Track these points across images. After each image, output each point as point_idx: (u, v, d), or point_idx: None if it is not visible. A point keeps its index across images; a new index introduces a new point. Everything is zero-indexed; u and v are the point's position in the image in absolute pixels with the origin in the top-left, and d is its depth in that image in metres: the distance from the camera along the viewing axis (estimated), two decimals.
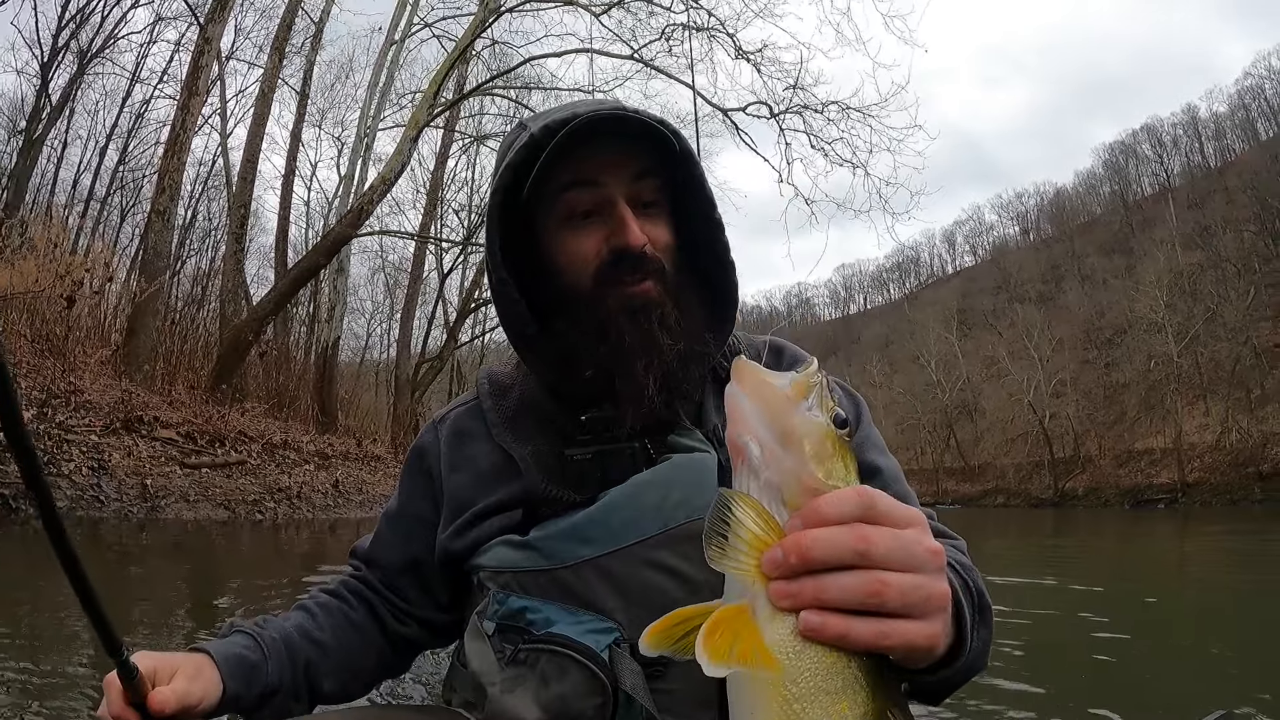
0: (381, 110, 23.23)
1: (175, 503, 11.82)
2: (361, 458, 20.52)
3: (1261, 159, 60.99)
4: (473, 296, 33.07)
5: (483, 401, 1.51)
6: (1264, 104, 75.56)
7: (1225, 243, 59.25)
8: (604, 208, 1.33)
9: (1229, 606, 6.58)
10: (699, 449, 1.32)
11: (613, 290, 1.32)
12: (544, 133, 1.28)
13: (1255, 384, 49.96)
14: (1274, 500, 38.58)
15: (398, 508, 1.58)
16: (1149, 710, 3.05)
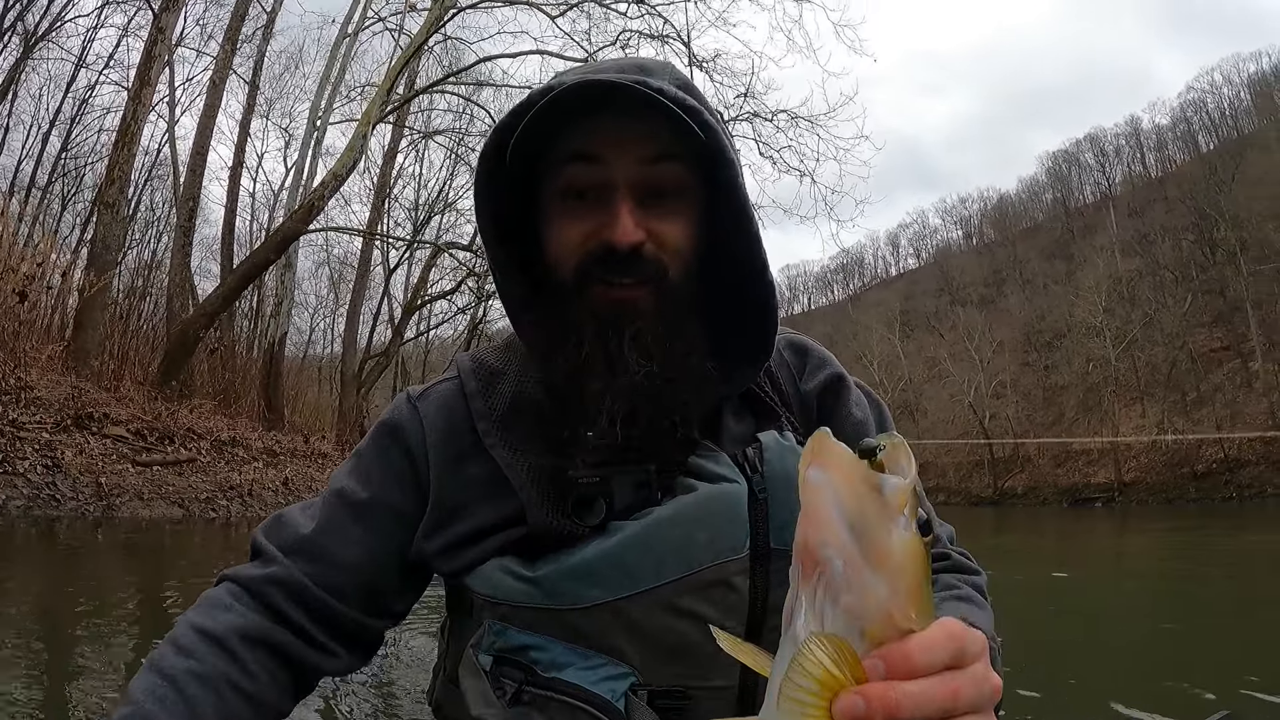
0: (332, 104, 23.25)
1: (130, 501, 12.00)
2: (309, 455, 20.67)
3: (1201, 170, 63.03)
4: (419, 293, 33.15)
5: (466, 385, 1.31)
6: (1205, 117, 78.29)
7: (1164, 250, 61.24)
8: (602, 191, 1.18)
9: (1178, 594, 7.24)
10: (727, 478, 1.17)
11: (592, 289, 1.18)
12: (541, 95, 1.12)
13: (1191, 387, 51.85)
14: (1208, 499, 40.22)
15: (367, 495, 1.28)
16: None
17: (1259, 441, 41.90)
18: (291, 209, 20.88)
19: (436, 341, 41.59)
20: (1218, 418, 47.26)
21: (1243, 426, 45.05)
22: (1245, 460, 43.20)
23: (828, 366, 1.38)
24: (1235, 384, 49.76)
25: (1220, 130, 76.15)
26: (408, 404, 1.34)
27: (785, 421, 1.29)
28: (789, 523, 1.03)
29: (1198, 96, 79.32)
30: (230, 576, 1.26)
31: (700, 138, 1.12)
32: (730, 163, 1.18)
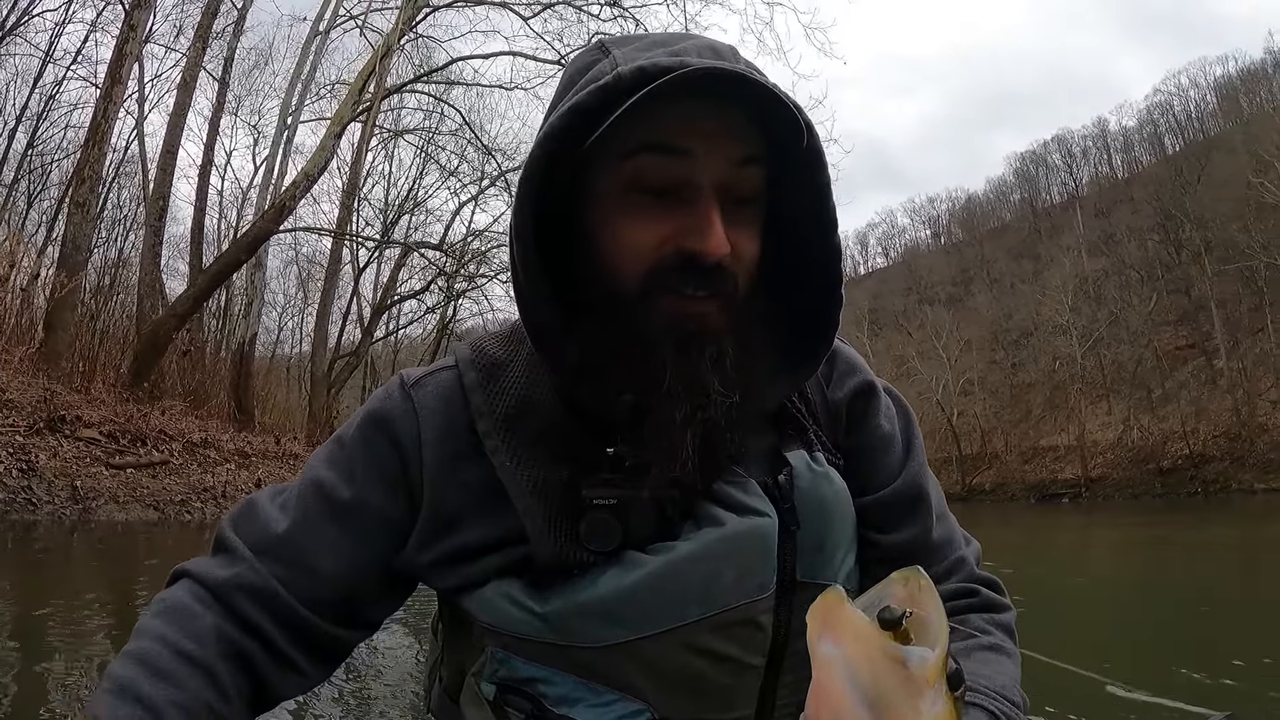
0: (303, 102, 23.26)
1: (106, 504, 12.06)
2: (280, 456, 20.72)
3: (1167, 172, 64.27)
4: (389, 293, 33.11)
5: (464, 376, 1.17)
6: (1172, 120, 79.59)
7: (1130, 250, 62.40)
8: (684, 190, 1.02)
9: (1144, 585, 7.60)
10: (756, 510, 1.07)
11: (664, 300, 1.03)
12: (636, 76, 0.96)
13: (1156, 385, 52.87)
14: (1173, 495, 41.10)
15: (349, 494, 1.14)
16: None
17: (1224, 438, 42.80)
18: (262, 208, 20.90)
19: (405, 341, 41.57)
20: (1183, 415, 48.21)
21: (1207, 423, 46.00)
22: (1210, 456, 44.16)
23: (857, 373, 1.28)
24: (1200, 381, 50.80)
25: (1186, 133, 77.54)
26: (400, 391, 1.18)
27: (813, 435, 1.19)
28: (817, 554, 1.10)
29: (1164, 99, 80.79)
30: (193, 574, 1.12)
31: (802, 141, 0.99)
32: (825, 166, 1.06)
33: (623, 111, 0.93)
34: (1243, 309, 49.41)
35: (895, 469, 1.24)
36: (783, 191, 1.10)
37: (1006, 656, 1.13)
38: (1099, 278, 62.05)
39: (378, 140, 31.67)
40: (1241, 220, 47.87)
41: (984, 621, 1.18)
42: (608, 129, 0.95)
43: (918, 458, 1.27)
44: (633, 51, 1.05)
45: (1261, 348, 46.65)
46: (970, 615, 1.19)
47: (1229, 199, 49.88)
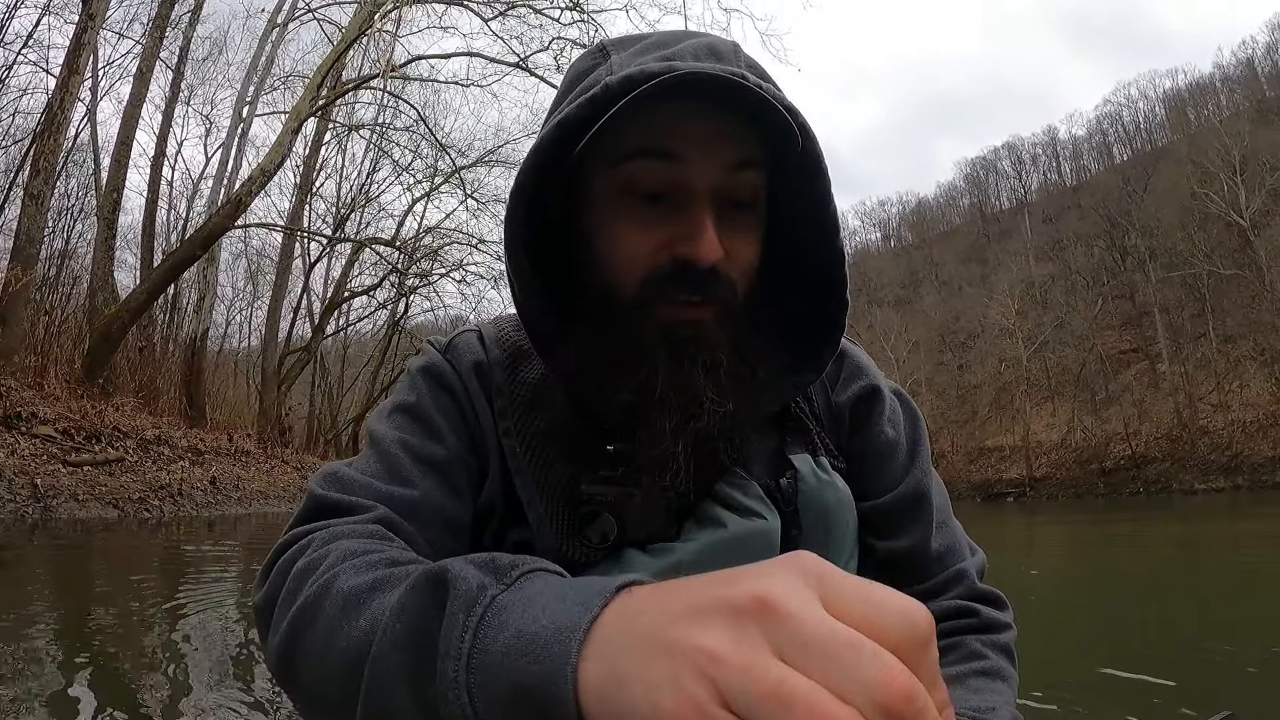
0: (259, 95, 23.24)
1: (66, 502, 12.22)
2: (233, 453, 20.85)
3: (1114, 180, 66.06)
4: (342, 288, 33.03)
5: (490, 351, 1.18)
6: (1121, 130, 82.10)
7: (1076, 256, 63.97)
8: (678, 194, 1.01)
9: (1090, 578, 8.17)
10: (758, 513, 1.07)
11: (659, 307, 1.01)
12: (623, 84, 0.94)
13: (1100, 387, 54.34)
14: (1116, 494, 42.35)
15: (444, 453, 1.10)
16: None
17: (1165, 440, 43.98)
18: (216, 202, 20.97)
19: (355, 337, 41.46)
20: (1125, 417, 49.59)
21: (1149, 425, 47.27)
22: (1152, 457, 45.46)
23: (862, 376, 1.27)
24: (1143, 385, 52.19)
25: (1134, 143, 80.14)
26: (439, 356, 1.17)
27: (816, 438, 1.19)
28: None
29: (1114, 110, 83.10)
30: (330, 527, 0.96)
31: (798, 145, 0.96)
32: (826, 172, 1.04)
33: (609, 120, 0.91)
34: (1185, 315, 50.93)
35: (898, 475, 1.23)
36: (783, 195, 1.08)
37: (1002, 681, 1.12)
38: (1046, 282, 63.59)
39: (331, 134, 31.64)
40: (1185, 229, 49.39)
41: (980, 644, 1.16)
42: (601, 135, 0.93)
43: (922, 464, 1.26)
44: (629, 56, 1.04)
45: (1202, 353, 48.10)
46: (967, 638, 1.16)
47: (1174, 208, 51.44)
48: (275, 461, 23.35)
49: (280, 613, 0.83)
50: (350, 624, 0.72)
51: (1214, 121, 60.51)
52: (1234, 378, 45.52)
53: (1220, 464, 41.01)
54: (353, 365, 41.46)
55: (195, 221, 27.76)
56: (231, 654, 4.32)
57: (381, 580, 0.75)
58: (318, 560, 0.85)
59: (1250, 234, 45.10)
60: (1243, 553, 10.85)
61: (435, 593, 0.66)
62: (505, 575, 0.64)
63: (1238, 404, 43.53)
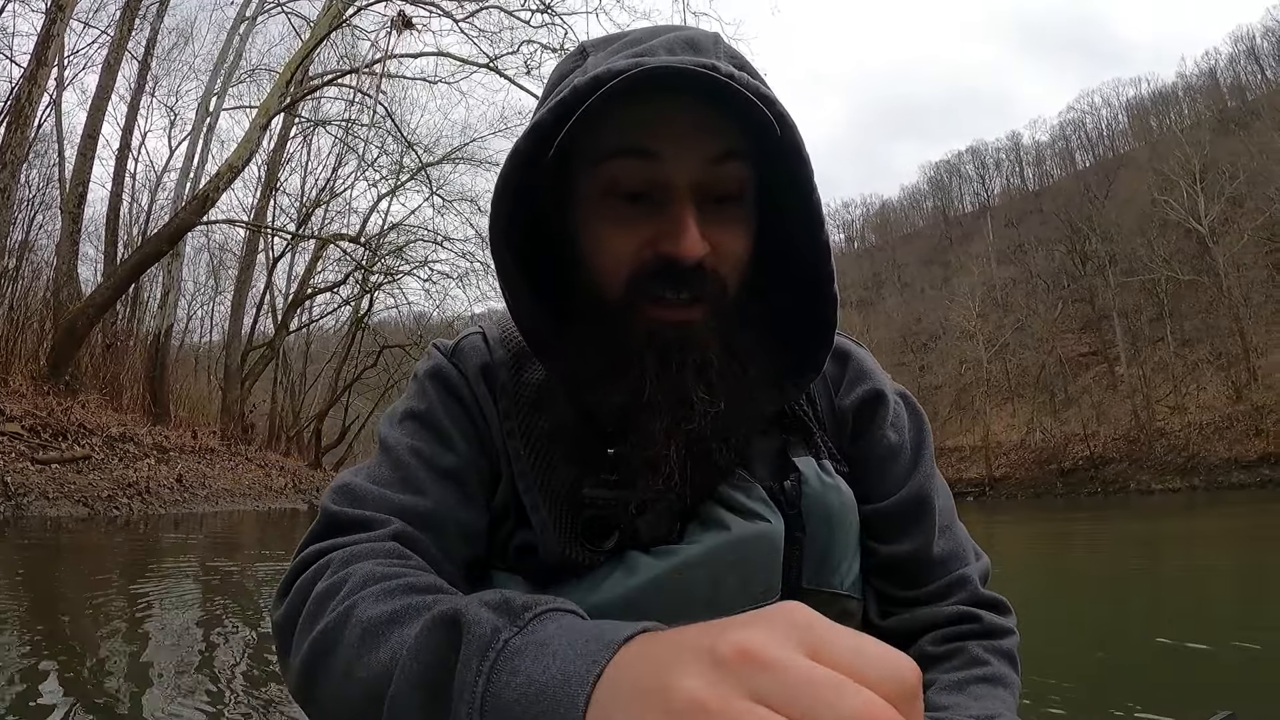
0: (226, 89, 23.16)
1: (36, 500, 12.31)
2: (198, 450, 20.84)
3: (1076, 186, 67.24)
4: (306, 284, 32.91)
5: (494, 351, 1.19)
6: (1083, 137, 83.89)
7: (1037, 260, 65.00)
8: (658, 192, 1.00)
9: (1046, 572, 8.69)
10: (761, 515, 1.07)
11: (647, 308, 1.01)
12: (590, 85, 0.94)
13: (1059, 389, 55.24)
14: (1074, 494, 43.12)
15: (454, 460, 1.12)
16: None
17: (1123, 441, 44.72)
18: (182, 196, 20.88)
19: (318, 333, 41.27)
20: (1084, 418, 50.41)
21: (1107, 427, 48.08)
22: (1109, 458, 46.25)
23: (866, 380, 1.26)
24: (1101, 387, 53.09)
25: (1097, 149, 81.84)
26: (445, 360, 1.19)
27: (819, 440, 1.19)
28: (823, 561, 1.11)
29: (1077, 116, 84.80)
30: (343, 545, 0.98)
31: (776, 133, 0.94)
32: (807, 161, 1.01)
33: (584, 121, 0.91)
34: (1143, 319, 51.85)
35: (900, 479, 1.22)
36: (773, 188, 1.07)
37: (1003, 687, 1.11)
38: (1007, 285, 64.51)
39: (297, 129, 31.51)
40: (1145, 235, 50.29)
41: (982, 649, 1.15)
42: (581, 136, 0.94)
43: (925, 468, 1.25)
44: (604, 56, 1.04)
45: (1160, 356, 48.96)
46: (969, 643, 1.16)
47: (1134, 214, 52.35)
48: (240, 459, 23.36)
49: (301, 635, 0.86)
50: (370, 655, 0.76)
51: (1175, 130, 61.72)
52: (1191, 381, 46.39)
53: (1177, 465, 41.79)
54: (315, 361, 41.33)
55: (158, 214, 27.70)
56: (193, 657, 4.35)
57: (400, 612, 0.78)
58: (338, 585, 0.87)
59: (1209, 240, 46.01)
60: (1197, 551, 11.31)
61: (450, 635, 0.69)
62: (519, 618, 0.67)
63: (1194, 406, 44.33)
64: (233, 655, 4.35)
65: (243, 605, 5.94)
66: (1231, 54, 70.69)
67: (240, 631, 5.03)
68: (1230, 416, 41.30)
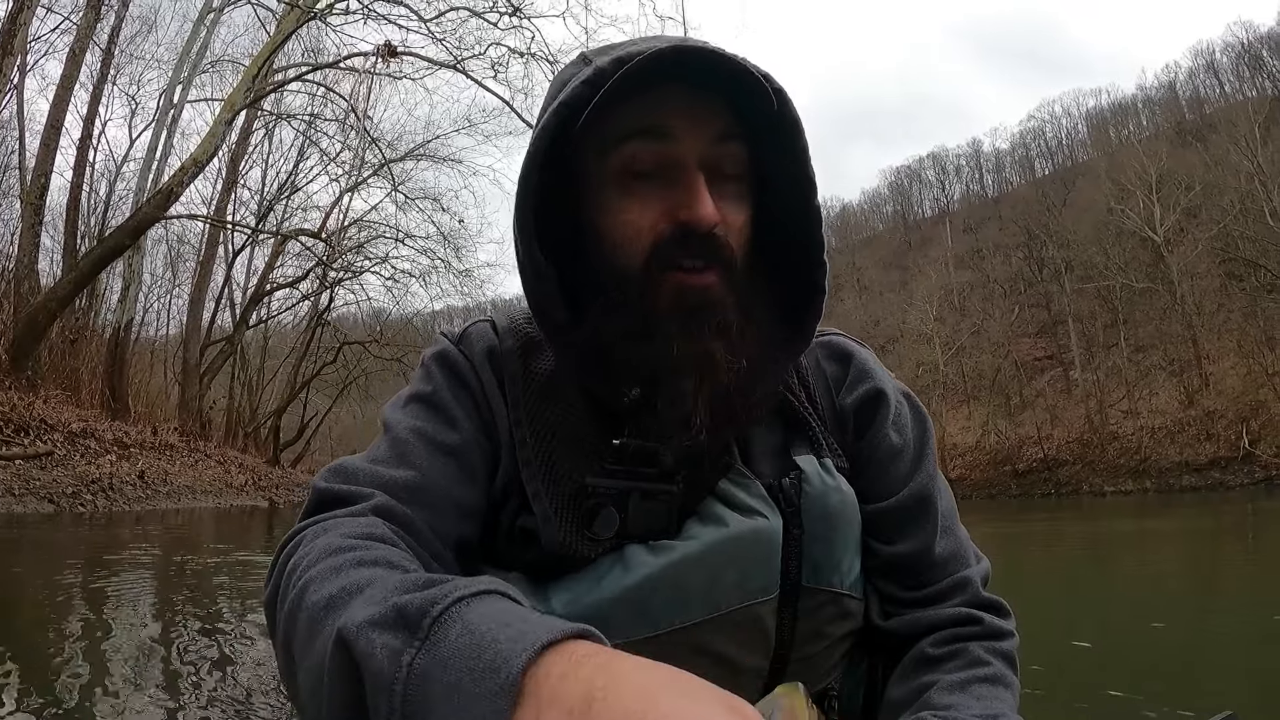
0: (191, 81, 23.00)
1: (3, 497, 12.11)
2: (158, 447, 20.80)
3: (1034, 193, 68.27)
4: (266, 279, 32.70)
5: (502, 340, 1.21)
6: (1043, 145, 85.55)
7: (995, 265, 65.92)
8: (671, 169, 1.07)
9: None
10: (760, 512, 1.10)
11: (668, 276, 1.05)
12: (613, 66, 1.01)
13: (1014, 392, 56.03)
14: (1028, 495, 43.84)
15: (459, 439, 1.13)
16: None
17: (1076, 444, 45.44)
18: (143, 188, 20.74)
19: (276, 328, 40.95)
20: (1038, 421, 51.14)
21: (1062, 430, 48.84)
22: (1063, 461, 46.97)
23: (868, 379, 1.28)
24: (1056, 390, 53.88)
25: (1056, 158, 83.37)
26: (453, 347, 1.21)
27: (821, 438, 1.21)
28: (823, 559, 1.12)
29: (1038, 125, 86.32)
30: (332, 520, 0.98)
31: (772, 109, 1.02)
32: (802, 131, 1.09)
33: (603, 96, 0.98)
34: (1098, 325, 52.76)
35: (901, 479, 1.23)
36: (766, 170, 1.13)
37: (1004, 688, 1.13)
38: (964, 290, 65.37)
39: (259, 122, 31.29)
40: (1101, 243, 51.21)
41: (984, 650, 1.17)
42: (598, 123, 1.02)
43: (927, 468, 1.27)
44: (608, 51, 1.09)
45: (1114, 361, 49.81)
46: (970, 644, 1.17)
47: (1090, 223, 53.39)
48: (199, 455, 23.30)
49: (275, 615, 0.88)
50: (310, 647, 0.75)
51: (1134, 141, 62.85)
52: (1144, 386, 47.16)
53: (1129, 468, 42.46)
54: (273, 357, 40.99)
55: (116, 204, 27.37)
56: (148, 646, 4.36)
57: (337, 599, 0.76)
58: (300, 560, 0.87)
59: (1163, 250, 46.85)
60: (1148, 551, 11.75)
61: (352, 673, 0.67)
62: (417, 630, 0.64)
63: (1147, 411, 45.07)
64: (191, 652, 4.28)
65: (204, 606, 5.98)
66: (1191, 68, 72.30)
67: (198, 626, 5.01)
68: (1181, 421, 42.05)
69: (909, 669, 1.17)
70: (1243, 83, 64.86)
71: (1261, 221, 40.55)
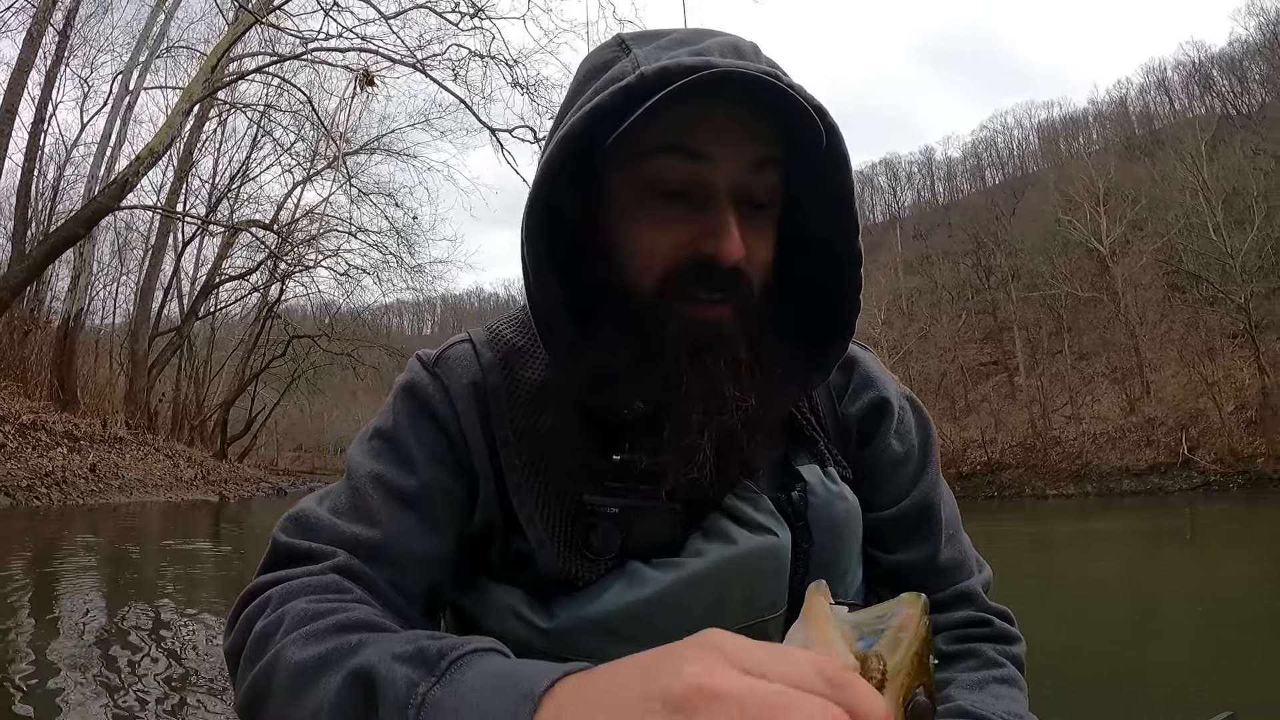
0: (148, 69, 22.79)
1: None
2: (108, 440, 20.66)
3: (984, 202, 69.27)
4: (217, 270, 32.38)
5: (480, 354, 1.15)
6: (995, 155, 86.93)
7: (943, 271, 66.64)
8: (700, 192, 0.99)
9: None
10: (768, 528, 1.07)
11: (680, 306, 1.00)
12: (656, 78, 0.93)
13: (960, 397, 56.71)
14: (972, 497, 44.37)
15: (416, 484, 1.08)
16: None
17: (1020, 448, 46.10)
18: (96, 175, 20.55)
19: (224, 320, 40.49)
20: (983, 425, 51.71)
21: (1005, 434, 49.51)
22: (1007, 464, 47.57)
23: (872, 387, 1.25)
24: (1001, 396, 54.52)
25: (1007, 168, 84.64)
26: (425, 372, 1.15)
27: (824, 448, 1.19)
28: (828, 571, 1.10)
29: (990, 135, 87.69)
30: (287, 582, 0.96)
31: (823, 143, 0.96)
32: (849, 168, 1.04)
33: (643, 113, 0.91)
34: (1043, 333, 53.58)
35: (904, 488, 1.22)
36: (801, 192, 1.07)
37: (1018, 689, 1.13)
38: (912, 295, 66.09)
39: (214, 110, 30.96)
40: (1048, 253, 51.97)
41: (995, 652, 1.17)
42: (626, 130, 0.93)
43: (930, 476, 1.25)
44: (654, 50, 1.02)
45: (1057, 368, 50.53)
46: (982, 645, 1.17)
47: (1036, 233, 54.17)
48: (148, 449, 23.20)
49: (242, 673, 0.87)
50: (299, 704, 0.76)
51: (1083, 154, 63.91)
52: (1086, 393, 47.93)
53: (1071, 472, 43.02)
54: (220, 349, 40.54)
55: (66, 190, 26.97)
56: (92, 638, 4.50)
57: (327, 656, 0.77)
58: (273, 625, 0.86)
59: (1109, 261, 47.60)
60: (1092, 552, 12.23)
61: (367, 693, 0.69)
62: (434, 667, 0.67)
63: (1089, 417, 45.73)
64: (138, 649, 4.41)
65: (152, 603, 6.11)
66: (1143, 84, 73.72)
67: (147, 625, 5.19)
68: (1123, 427, 42.72)
69: None
70: (1192, 100, 66.44)
71: (1204, 236, 41.52)
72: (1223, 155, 45.34)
